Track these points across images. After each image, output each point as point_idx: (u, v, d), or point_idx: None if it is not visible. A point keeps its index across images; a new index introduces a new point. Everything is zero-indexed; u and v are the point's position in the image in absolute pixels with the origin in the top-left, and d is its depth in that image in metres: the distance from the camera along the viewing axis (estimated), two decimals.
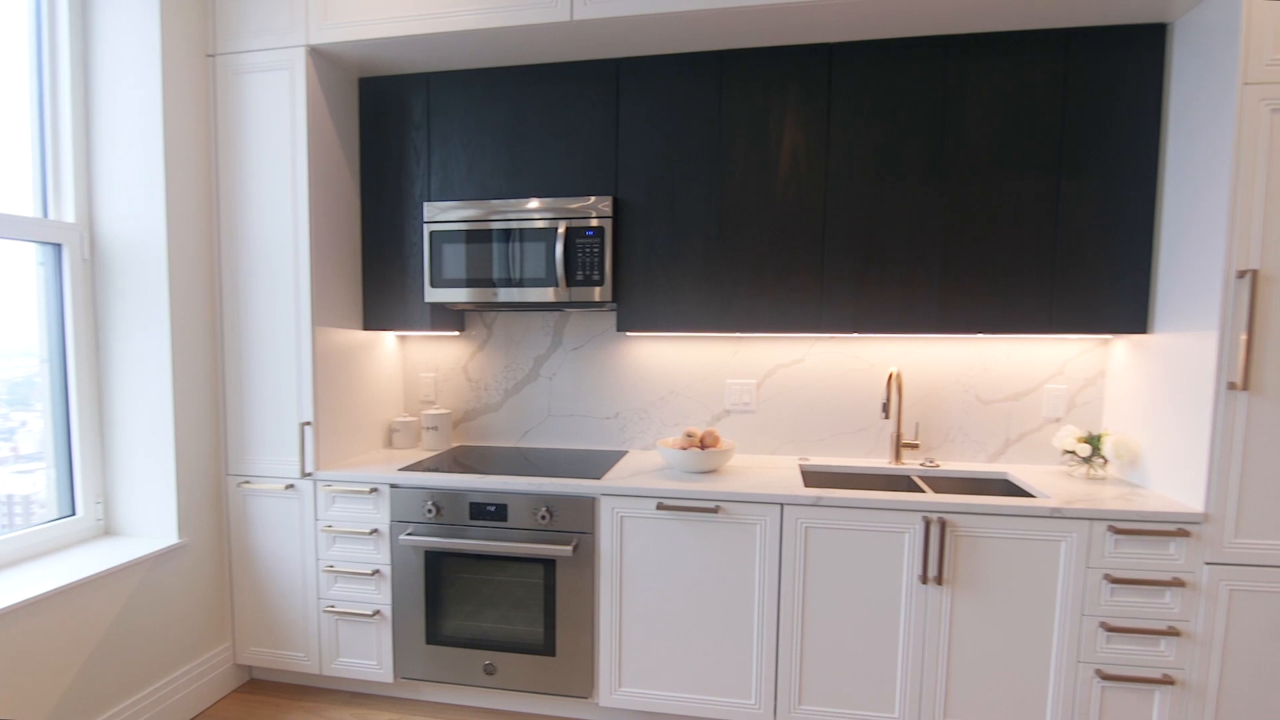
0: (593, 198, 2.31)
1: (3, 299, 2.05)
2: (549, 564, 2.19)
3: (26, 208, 2.11)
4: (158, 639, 2.20)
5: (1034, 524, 1.93)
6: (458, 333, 2.77)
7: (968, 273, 2.19)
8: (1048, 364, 2.44)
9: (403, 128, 2.49)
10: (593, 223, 2.30)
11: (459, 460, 2.49)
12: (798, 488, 2.09)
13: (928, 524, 1.97)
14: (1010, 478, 2.33)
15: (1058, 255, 2.14)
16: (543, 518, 2.17)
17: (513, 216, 2.35)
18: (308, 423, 2.33)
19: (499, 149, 2.42)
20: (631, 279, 2.38)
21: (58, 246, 2.15)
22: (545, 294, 2.34)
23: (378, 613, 2.32)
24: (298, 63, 2.27)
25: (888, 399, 2.34)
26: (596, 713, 2.29)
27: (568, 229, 2.31)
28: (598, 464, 2.42)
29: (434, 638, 2.28)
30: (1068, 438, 2.25)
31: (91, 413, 2.24)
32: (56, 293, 2.17)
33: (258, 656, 2.44)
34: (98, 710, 2.00)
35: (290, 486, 2.36)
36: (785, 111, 2.26)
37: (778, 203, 2.28)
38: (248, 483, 2.39)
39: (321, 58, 2.33)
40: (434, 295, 2.43)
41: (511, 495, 2.20)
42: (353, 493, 2.31)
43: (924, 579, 1.98)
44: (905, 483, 2.39)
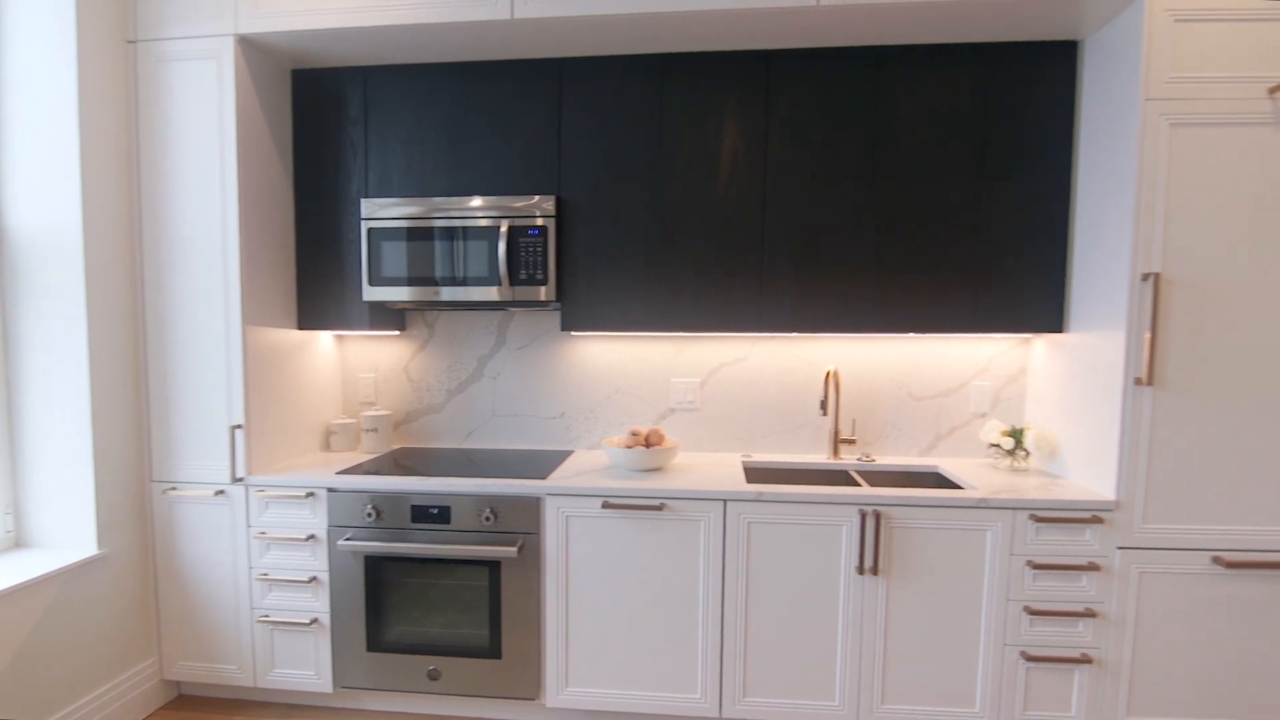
0: (536, 197, 2.30)
1: None
2: (494, 565, 2.17)
3: None
4: (76, 656, 2.08)
5: (962, 514, 2.02)
6: (398, 332, 2.72)
7: (900, 275, 2.28)
8: (974, 362, 2.56)
9: (339, 122, 2.43)
10: (537, 222, 2.29)
11: (400, 462, 2.44)
12: (740, 484, 2.13)
13: (864, 517, 2.04)
14: (941, 470, 2.43)
15: (982, 259, 2.26)
16: (487, 519, 2.15)
17: (455, 214, 2.32)
18: (239, 426, 2.24)
19: (440, 146, 2.39)
20: (576, 278, 2.38)
21: None
22: (488, 293, 2.32)
23: (315, 621, 2.25)
24: (226, 52, 2.18)
25: (825, 396, 2.42)
26: (544, 714, 2.28)
27: (510, 228, 2.29)
28: (543, 464, 2.42)
29: (375, 644, 2.23)
30: (993, 432, 2.37)
31: None
32: None
33: (187, 671, 2.34)
34: None
35: (220, 492, 2.27)
36: (725, 116, 2.30)
37: (719, 205, 2.32)
38: (174, 489, 2.29)
39: (251, 47, 2.25)
40: (373, 294, 2.37)
41: (455, 497, 2.17)
42: (287, 498, 2.24)
43: (861, 569, 2.05)
44: (843, 477, 2.47)
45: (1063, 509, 1.99)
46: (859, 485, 2.29)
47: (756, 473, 2.52)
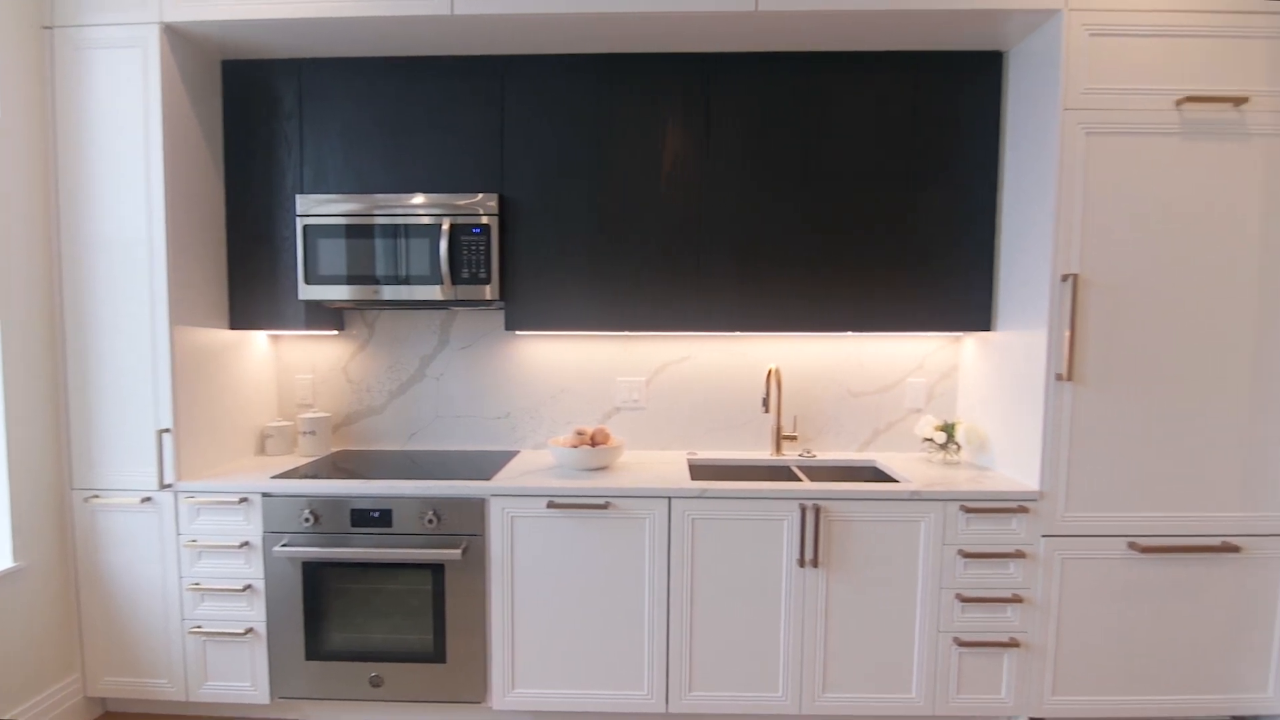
0: (480, 195, 2.28)
1: None
2: (437, 569, 2.14)
3: None
4: None
5: (897, 507, 2.09)
6: (336, 332, 2.65)
7: (837, 275, 2.34)
8: (909, 359, 2.65)
9: (272, 116, 2.35)
10: (481, 220, 2.27)
11: (339, 465, 2.39)
12: (685, 481, 2.16)
13: (804, 511, 2.08)
14: (878, 465, 2.50)
15: (915, 261, 2.33)
16: (430, 521, 2.12)
17: (397, 212, 2.28)
18: (166, 430, 2.15)
19: (378, 142, 2.34)
20: (520, 277, 2.36)
21: None
22: (431, 292, 2.29)
23: (250, 630, 2.18)
24: (151, 40, 2.09)
25: (767, 394, 2.47)
26: (490, 717, 2.26)
27: (453, 226, 2.26)
28: (488, 464, 2.39)
29: (315, 653, 2.18)
30: (927, 427, 2.45)
31: None
32: None
33: (113, 686, 2.24)
34: None
35: (147, 500, 2.18)
36: (667, 117, 2.32)
37: (661, 205, 2.34)
38: (97, 497, 2.18)
39: (178, 36, 2.16)
40: (309, 292, 2.31)
41: (396, 499, 2.14)
42: (220, 504, 2.16)
43: (801, 562, 2.10)
44: (785, 473, 2.52)
45: (991, 500, 2.08)
46: (800, 480, 2.34)
47: (701, 470, 2.55)
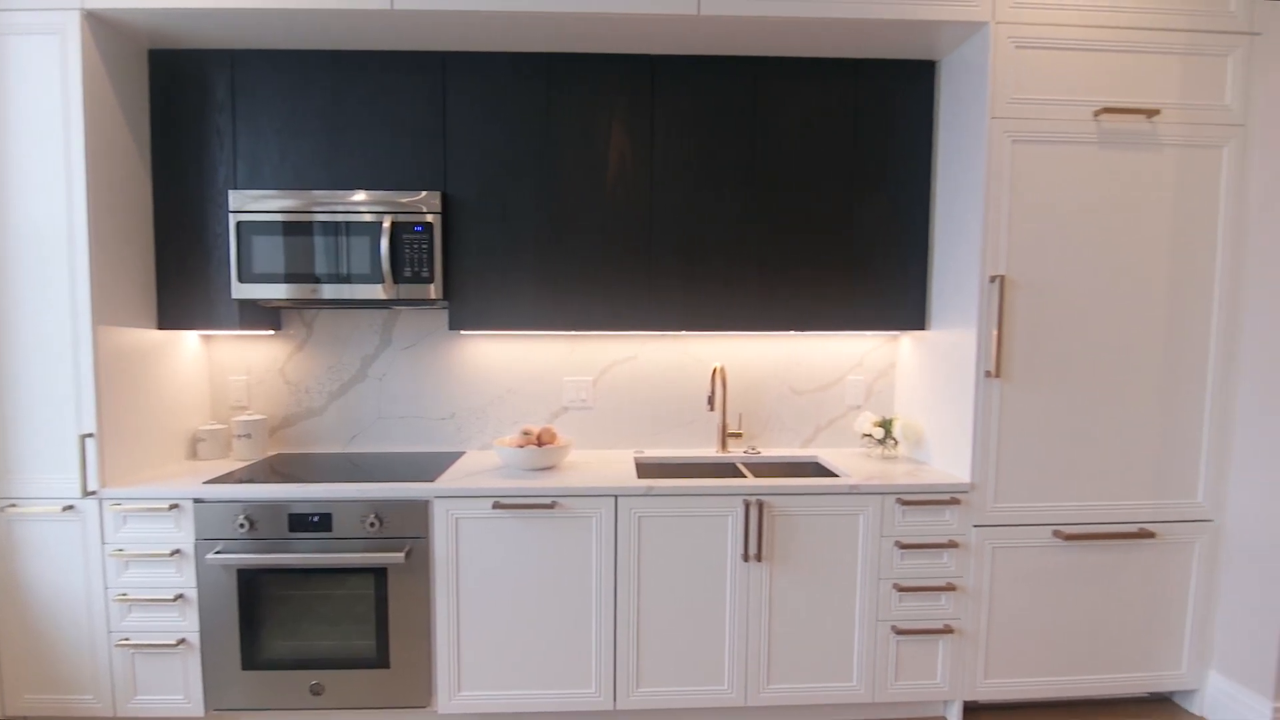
0: (423, 193, 2.24)
1: None
2: (380, 573, 2.11)
3: None
4: None
5: (837, 500, 2.15)
6: (273, 331, 2.57)
7: (780, 276, 2.39)
8: (849, 357, 2.73)
9: (203, 108, 2.27)
10: (425, 218, 2.24)
11: (277, 469, 2.32)
12: (631, 480, 2.17)
13: (747, 506, 2.12)
14: (820, 460, 2.57)
15: (855, 262, 2.40)
16: (372, 525, 2.08)
17: (338, 209, 2.22)
18: (89, 435, 2.06)
19: (316, 137, 2.28)
20: (464, 276, 2.34)
21: None
22: (372, 291, 2.24)
23: (182, 641, 2.10)
24: (71, 27, 1.99)
25: (713, 392, 2.50)
26: None
27: (394, 223, 2.22)
28: (432, 466, 2.36)
29: (251, 662, 2.11)
30: (866, 423, 2.53)
31: None
32: None
33: (34, 705, 2.12)
34: None
35: (69, 508, 2.08)
36: (612, 117, 2.33)
37: (607, 205, 2.35)
38: (13, 506, 2.07)
39: (101, 23, 2.07)
40: (243, 291, 2.24)
41: (336, 503, 2.09)
42: (148, 511, 2.08)
43: (746, 557, 2.14)
44: (731, 469, 2.56)
45: (925, 492, 2.16)
46: (745, 477, 2.38)
47: (648, 468, 2.57)
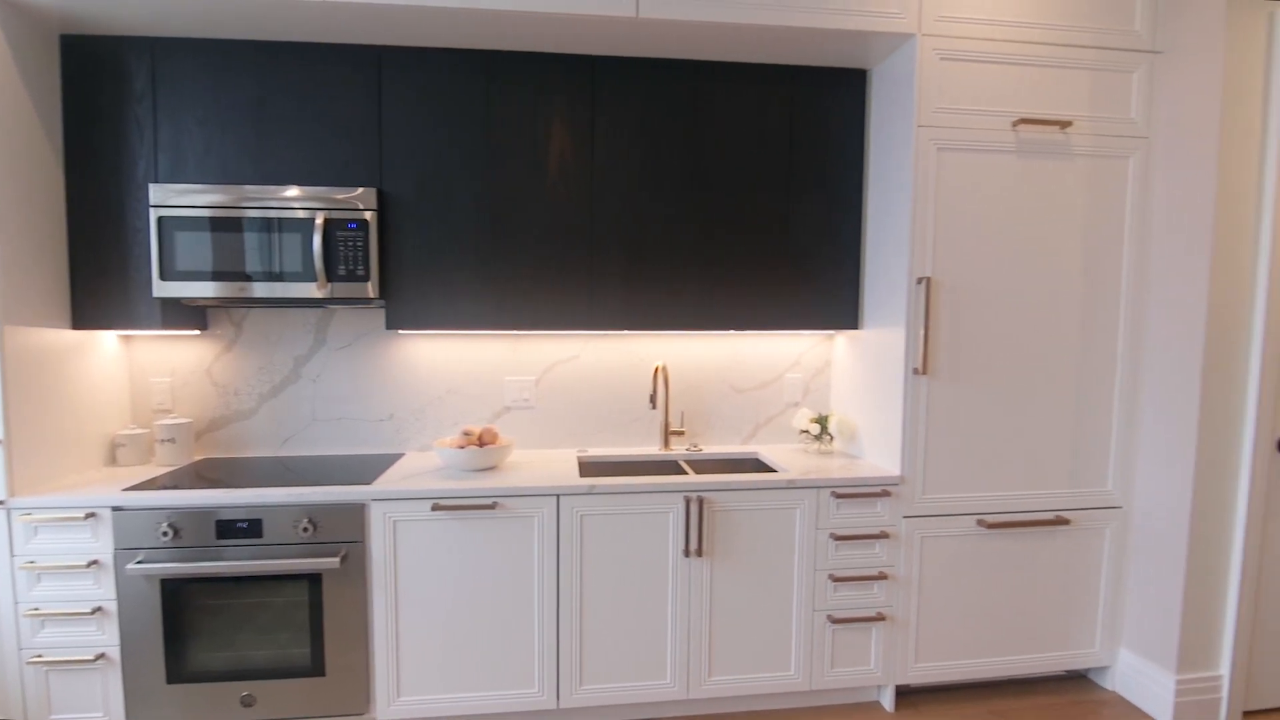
0: (359, 189, 2.19)
1: None
2: (314, 579, 2.05)
3: None
4: None
5: (774, 495, 2.21)
6: (199, 331, 2.47)
7: (720, 276, 2.44)
8: (787, 356, 2.80)
9: (120, 98, 2.16)
10: (363, 215, 2.19)
11: (203, 474, 2.23)
12: (574, 478, 2.18)
13: (688, 503, 2.16)
14: (760, 456, 2.63)
15: (792, 263, 2.47)
16: (305, 530, 2.03)
17: (270, 205, 2.15)
18: None
19: (243, 130, 2.20)
20: (401, 275, 2.30)
21: None
22: (305, 289, 2.18)
23: (101, 656, 2.00)
24: None
25: (655, 391, 2.53)
26: None
27: (327, 220, 2.17)
28: (370, 468, 2.31)
29: (177, 675, 2.03)
30: (803, 419, 2.60)
31: None
32: None
33: None
34: None
35: None
36: (553, 117, 2.33)
37: (549, 204, 2.35)
38: None
39: (6, 6, 1.94)
40: (165, 289, 2.14)
41: (267, 508, 2.02)
42: (62, 520, 1.97)
43: (687, 553, 2.18)
44: (673, 467, 2.60)
45: (858, 485, 2.24)
46: (687, 474, 2.42)
47: (591, 467, 2.58)
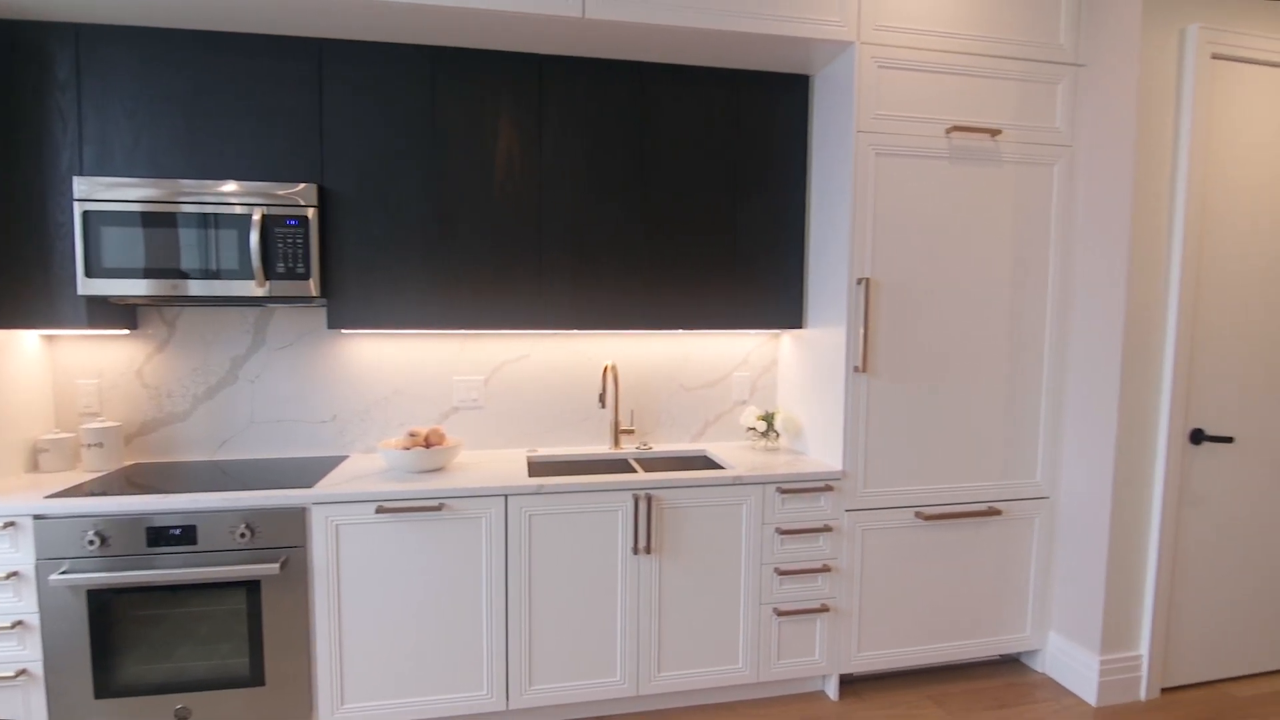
0: (299, 185, 2.14)
1: None
2: (253, 586, 2.00)
3: None
4: None
5: (721, 492, 2.25)
6: (128, 331, 2.37)
7: (668, 276, 2.47)
8: (735, 355, 2.85)
9: (42, 86, 2.05)
10: (304, 211, 2.13)
11: (133, 480, 2.14)
12: (523, 478, 2.17)
13: (636, 501, 2.18)
14: (708, 454, 2.67)
15: (738, 263, 2.52)
16: (242, 535, 1.97)
17: (207, 199, 2.08)
18: None
19: (175, 122, 2.12)
20: (344, 273, 2.25)
21: None
22: (242, 288, 2.11)
23: (23, 672, 1.91)
24: None
25: (604, 390, 2.54)
26: None
27: (265, 216, 2.11)
28: (311, 471, 2.26)
29: (106, 690, 1.95)
30: (750, 417, 2.66)
31: None
32: None
33: None
34: None
35: None
36: (499, 115, 2.32)
37: (496, 203, 2.33)
38: None
39: None
40: (91, 287, 2.05)
41: (201, 514, 1.96)
42: None
43: (636, 550, 2.20)
44: (623, 465, 2.62)
45: (802, 481, 2.30)
46: (637, 472, 2.44)
47: (540, 466, 2.58)
